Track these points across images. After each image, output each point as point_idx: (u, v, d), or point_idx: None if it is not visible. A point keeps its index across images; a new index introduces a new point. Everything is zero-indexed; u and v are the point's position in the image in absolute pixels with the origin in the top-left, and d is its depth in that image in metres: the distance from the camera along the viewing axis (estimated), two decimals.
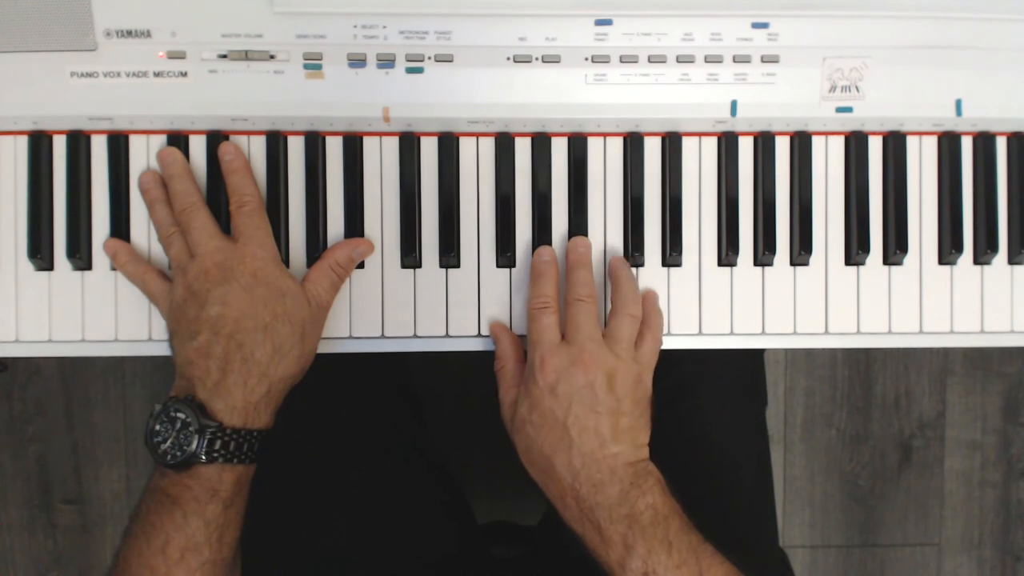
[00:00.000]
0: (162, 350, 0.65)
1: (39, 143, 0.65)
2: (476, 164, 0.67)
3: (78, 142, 0.65)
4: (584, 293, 0.62)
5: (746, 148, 0.68)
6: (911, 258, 0.69)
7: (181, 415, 0.56)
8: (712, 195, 0.68)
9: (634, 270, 0.68)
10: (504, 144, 0.67)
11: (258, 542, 0.64)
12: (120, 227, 0.66)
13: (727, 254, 0.68)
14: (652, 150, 0.68)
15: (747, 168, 0.68)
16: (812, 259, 0.68)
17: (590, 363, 0.59)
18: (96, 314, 0.66)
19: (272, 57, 0.63)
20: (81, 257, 0.65)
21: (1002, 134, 0.69)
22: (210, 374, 0.58)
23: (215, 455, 0.56)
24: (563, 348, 0.60)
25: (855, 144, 0.68)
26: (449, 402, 1.34)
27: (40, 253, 0.65)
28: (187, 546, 0.56)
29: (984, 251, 0.68)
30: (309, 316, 0.62)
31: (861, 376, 1.41)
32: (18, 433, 1.35)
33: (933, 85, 0.66)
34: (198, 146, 0.66)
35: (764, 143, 0.68)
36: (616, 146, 0.68)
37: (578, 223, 0.67)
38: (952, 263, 0.69)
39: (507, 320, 0.67)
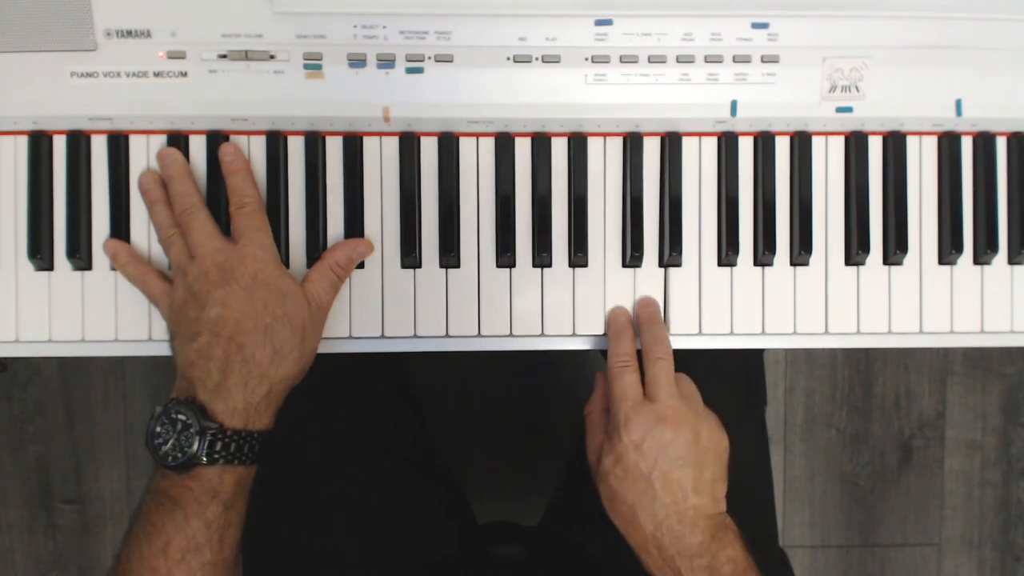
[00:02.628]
0: (162, 350, 0.65)
1: (39, 143, 0.65)
2: (476, 164, 0.67)
3: (78, 142, 0.65)
4: (662, 351, 0.64)
5: (746, 148, 0.68)
6: (911, 258, 0.69)
7: (182, 417, 0.56)
8: (712, 195, 0.68)
9: (633, 270, 0.68)
10: (504, 144, 0.67)
11: (259, 542, 0.64)
12: (120, 227, 0.66)
13: (727, 254, 0.68)
14: (652, 150, 0.68)
15: (747, 168, 0.68)
16: (812, 259, 0.68)
17: (676, 421, 0.60)
18: (96, 314, 0.66)
19: (272, 57, 0.63)
20: (81, 257, 0.65)
21: (1002, 134, 0.69)
22: (211, 376, 0.58)
23: (216, 456, 0.56)
24: (647, 406, 0.61)
25: (855, 144, 0.68)
26: (449, 402, 1.34)
27: (40, 253, 0.65)
28: (188, 547, 0.56)
29: (984, 251, 0.68)
30: (309, 317, 0.62)
31: (861, 376, 1.41)
32: (18, 433, 1.35)
33: (933, 85, 0.66)
34: (198, 146, 0.66)
35: (764, 143, 0.68)
36: (616, 146, 0.68)
37: (578, 223, 0.67)
38: (952, 263, 0.69)
39: (506, 320, 0.67)
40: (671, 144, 0.67)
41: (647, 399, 0.62)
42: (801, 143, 0.68)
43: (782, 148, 0.68)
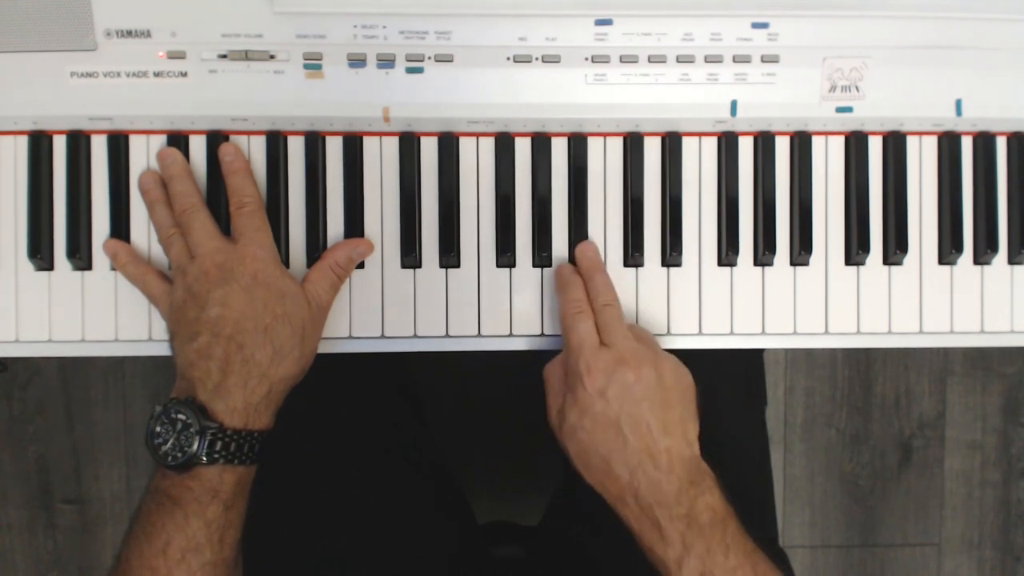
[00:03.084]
0: (162, 350, 0.65)
1: (39, 143, 0.65)
2: (476, 164, 0.67)
3: (78, 142, 0.65)
4: (610, 297, 0.63)
5: (746, 148, 0.68)
6: (911, 258, 0.69)
7: (182, 416, 0.56)
8: (712, 195, 0.68)
9: (634, 270, 0.68)
10: (504, 144, 0.67)
11: (259, 542, 0.64)
12: (120, 227, 0.66)
13: (727, 254, 0.68)
14: (652, 150, 0.68)
15: (747, 168, 0.68)
16: (812, 259, 0.68)
17: (635, 360, 0.59)
18: (96, 314, 0.66)
19: (272, 57, 0.63)
20: (81, 257, 0.65)
21: (1002, 134, 0.69)
22: (211, 375, 0.58)
23: (216, 456, 0.56)
24: (605, 351, 0.60)
25: (855, 144, 0.68)
26: (449, 402, 1.34)
27: (40, 253, 0.65)
28: (188, 547, 0.56)
29: (984, 251, 0.68)
30: (309, 317, 0.62)
31: (861, 376, 1.41)
32: (18, 433, 1.35)
33: (933, 85, 0.66)
34: (198, 146, 0.66)
35: (764, 143, 0.68)
36: (616, 146, 0.68)
37: (578, 223, 0.67)
38: (952, 263, 0.69)
39: (506, 320, 0.67)
40: (671, 144, 0.67)
41: (604, 345, 0.61)
42: (801, 143, 0.68)
43: (782, 148, 0.68)
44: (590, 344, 0.61)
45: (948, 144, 0.69)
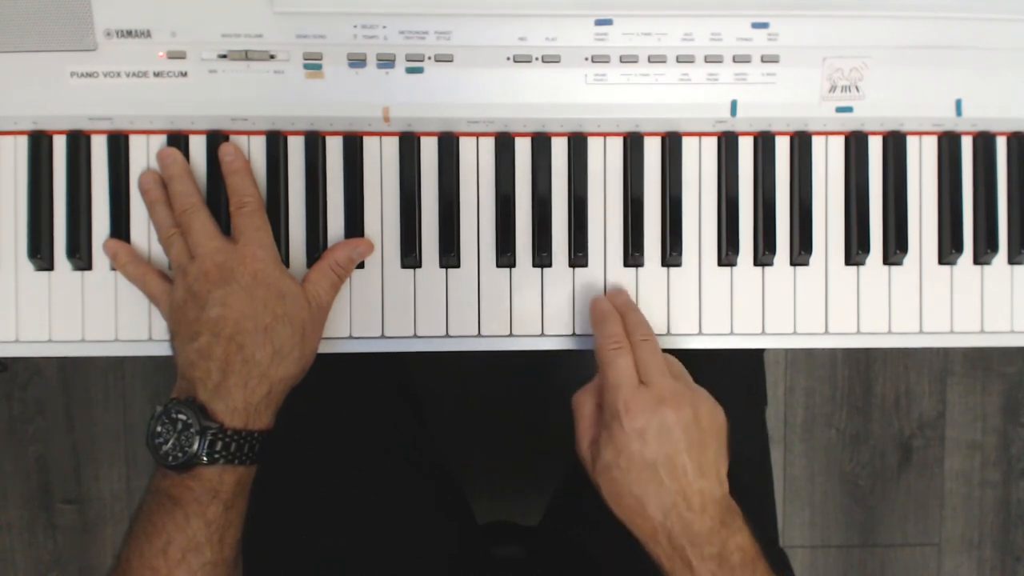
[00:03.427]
0: (162, 350, 0.65)
1: (39, 143, 0.65)
2: (476, 164, 0.67)
3: (78, 142, 0.65)
4: (644, 333, 0.62)
5: (746, 148, 0.68)
6: (911, 258, 0.69)
7: (182, 416, 0.56)
8: (712, 195, 0.68)
9: (634, 270, 0.68)
10: (504, 144, 0.67)
11: (259, 542, 0.64)
12: (120, 227, 0.66)
13: (727, 254, 0.68)
14: (652, 150, 0.68)
15: (747, 168, 0.68)
16: (812, 259, 0.68)
17: (675, 401, 0.58)
18: (96, 314, 0.66)
19: (272, 57, 0.63)
20: (81, 257, 0.65)
21: (1002, 134, 0.69)
22: (211, 376, 0.58)
23: (216, 456, 0.56)
24: (645, 390, 0.59)
25: (855, 144, 0.68)
26: (449, 402, 1.34)
27: (40, 253, 0.65)
28: (188, 547, 0.56)
29: (984, 251, 0.68)
30: (309, 317, 0.62)
31: (861, 376, 1.41)
32: (18, 433, 1.35)
33: (933, 85, 0.66)
34: (198, 146, 0.66)
35: (764, 143, 0.68)
36: (616, 146, 0.68)
37: (578, 223, 0.67)
38: (952, 263, 0.69)
39: (506, 320, 0.67)
40: (671, 144, 0.67)
41: (642, 384, 0.60)
42: (801, 143, 0.68)
43: (782, 148, 0.68)
44: (629, 382, 0.59)
45: (948, 144, 0.69)
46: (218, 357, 0.58)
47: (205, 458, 0.56)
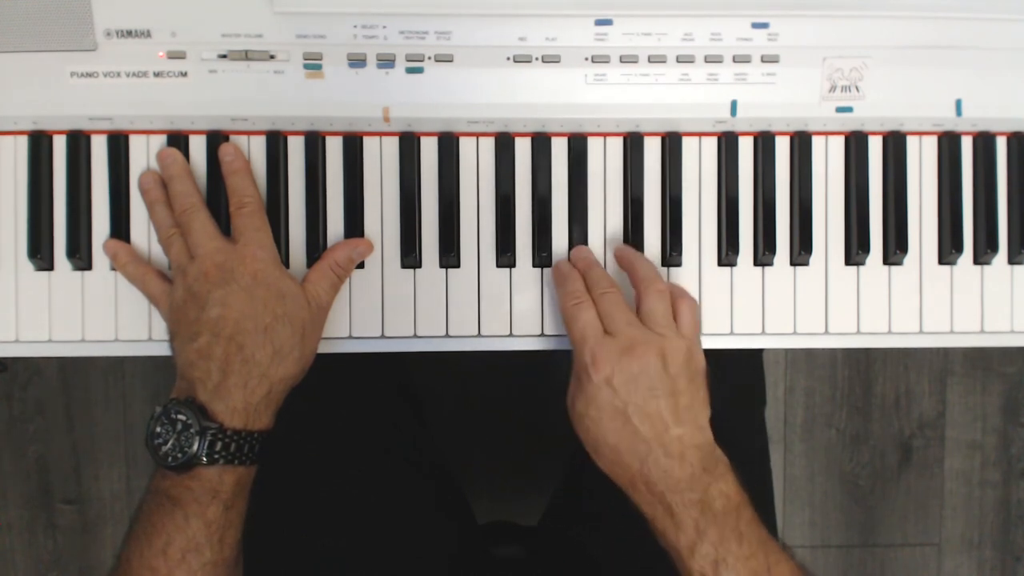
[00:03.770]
0: (162, 350, 0.65)
1: (39, 143, 0.65)
2: (476, 164, 0.67)
3: (78, 142, 0.65)
4: (606, 285, 0.62)
5: (746, 148, 0.68)
6: (911, 258, 0.69)
7: (182, 417, 0.56)
8: (712, 195, 0.68)
9: None
10: (504, 144, 0.67)
11: (259, 542, 0.64)
12: (120, 227, 0.66)
13: (727, 254, 0.68)
14: (652, 150, 0.68)
15: (747, 168, 0.68)
16: (812, 259, 0.68)
17: (641, 348, 0.58)
18: (96, 314, 0.66)
19: (272, 57, 0.63)
20: (81, 257, 0.65)
21: (1002, 134, 0.69)
22: (211, 376, 0.58)
23: (216, 457, 0.56)
24: (610, 340, 0.59)
25: (855, 144, 0.68)
26: (449, 402, 1.34)
27: (40, 253, 0.65)
28: (188, 547, 0.56)
29: (984, 251, 0.68)
30: (309, 317, 0.62)
31: (861, 376, 1.41)
32: (18, 433, 1.35)
33: (933, 85, 0.66)
34: (198, 146, 0.66)
35: (764, 143, 0.68)
36: (616, 146, 0.68)
37: (578, 223, 0.67)
38: (952, 263, 0.69)
39: (506, 320, 0.67)
40: (671, 144, 0.67)
41: (607, 333, 0.60)
42: (801, 143, 0.68)
43: (782, 148, 0.68)
44: (593, 334, 0.60)
45: (948, 144, 0.69)
46: (218, 357, 0.58)
47: (205, 458, 0.56)
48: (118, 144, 0.66)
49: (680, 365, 0.59)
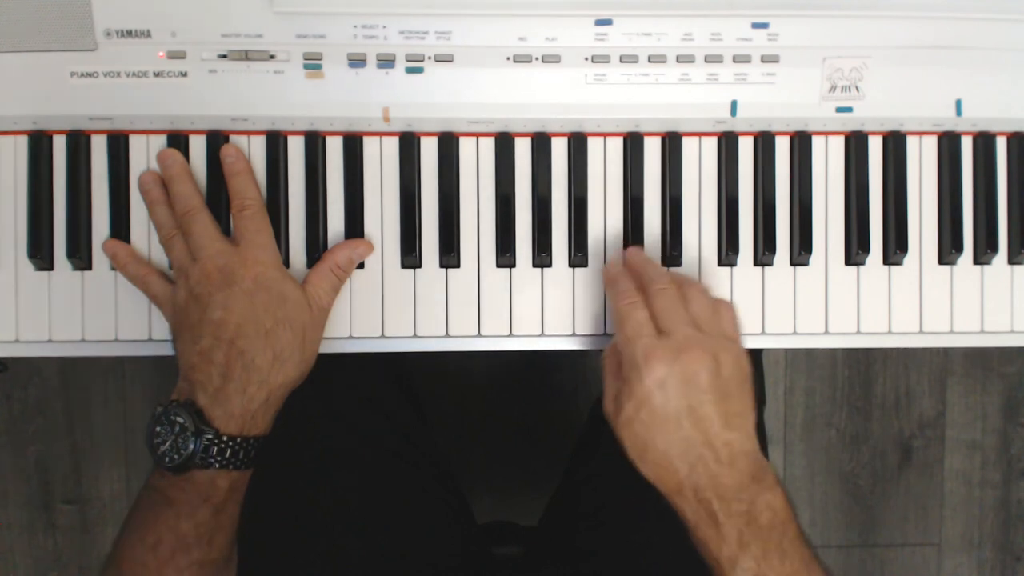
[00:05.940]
0: (162, 350, 0.65)
1: (39, 143, 0.65)
2: (476, 164, 0.67)
3: (78, 142, 0.65)
4: (665, 281, 0.60)
5: (746, 148, 0.68)
6: (911, 258, 0.69)
7: (180, 420, 0.56)
8: (712, 195, 0.68)
9: None
10: (504, 144, 0.67)
11: (258, 542, 0.64)
12: (120, 227, 0.66)
13: (727, 254, 0.68)
14: (652, 150, 0.68)
15: (747, 168, 0.68)
16: (812, 259, 0.68)
17: (696, 350, 0.56)
18: (96, 314, 0.66)
19: (272, 57, 0.63)
20: (81, 257, 0.65)
21: (1002, 134, 0.69)
22: (211, 380, 0.58)
23: (211, 461, 0.57)
24: (663, 340, 0.57)
25: (855, 144, 0.68)
26: (449, 402, 1.34)
27: (40, 253, 0.65)
28: (178, 546, 0.56)
29: (984, 251, 0.68)
30: (310, 320, 0.62)
31: (861, 376, 1.41)
32: (18, 433, 1.35)
33: (933, 85, 0.66)
34: (198, 146, 0.66)
35: (764, 143, 0.68)
36: (616, 146, 0.68)
37: (578, 223, 0.67)
38: (952, 263, 0.69)
39: (506, 320, 0.67)
40: (671, 144, 0.67)
41: (661, 333, 0.58)
42: (801, 143, 0.68)
43: (782, 148, 0.68)
44: (647, 333, 0.58)
45: (948, 144, 0.69)
46: (219, 362, 0.58)
47: (199, 462, 0.56)
48: (118, 144, 0.66)
49: (732, 368, 0.57)
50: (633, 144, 0.67)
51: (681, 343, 0.57)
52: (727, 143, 0.68)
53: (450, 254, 0.66)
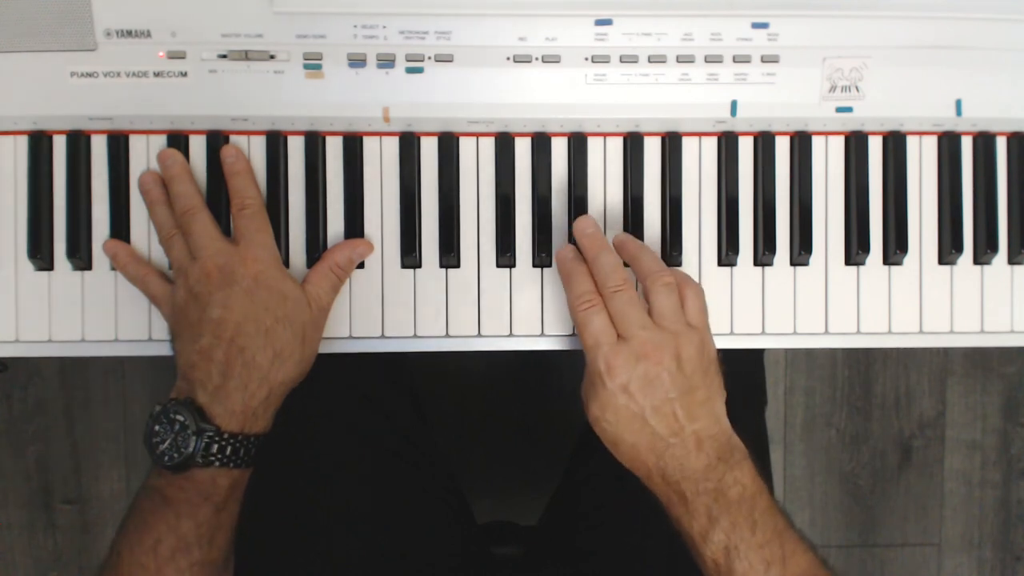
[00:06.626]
0: (162, 350, 0.65)
1: (39, 143, 0.65)
2: (476, 164, 0.67)
3: (78, 142, 0.65)
4: (618, 280, 0.59)
5: (746, 148, 0.68)
6: (911, 258, 0.69)
7: (180, 418, 0.56)
8: (712, 195, 0.68)
9: None
10: (504, 144, 0.67)
11: (259, 542, 0.64)
12: (120, 227, 0.66)
13: (727, 254, 0.68)
14: (652, 150, 0.68)
15: (747, 168, 0.68)
16: (812, 259, 0.68)
17: (655, 353, 0.57)
18: (96, 314, 0.66)
19: (272, 57, 0.63)
20: (81, 257, 0.65)
21: (1002, 134, 0.69)
22: (211, 378, 0.58)
23: (212, 459, 0.56)
24: (623, 346, 0.58)
25: (855, 144, 0.68)
26: (449, 402, 1.34)
27: (40, 253, 0.65)
28: (178, 547, 0.56)
29: (984, 251, 0.68)
30: (310, 319, 0.62)
31: (861, 376, 1.41)
32: (18, 433, 1.34)
33: (933, 85, 0.66)
34: (198, 146, 0.66)
35: (764, 143, 0.68)
36: (616, 146, 0.68)
37: None
38: (952, 263, 0.69)
39: (506, 320, 0.67)
40: (671, 144, 0.67)
41: (621, 338, 0.58)
42: (801, 143, 0.68)
43: (782, 148, 0.68)
44: (607, 340, 0.58)
45: (948, 144, 0.69)
46: (219, 360, 0.58)
47: (200, 460, 0.56)
48: (118, 144, 0.66)
49: (695, 361, 0.58)
50: (633, 144, 0.67)
51: (639, 349, 0.57)
52: (727, 143, 0.68)
53: (450, 254, 0.66)
